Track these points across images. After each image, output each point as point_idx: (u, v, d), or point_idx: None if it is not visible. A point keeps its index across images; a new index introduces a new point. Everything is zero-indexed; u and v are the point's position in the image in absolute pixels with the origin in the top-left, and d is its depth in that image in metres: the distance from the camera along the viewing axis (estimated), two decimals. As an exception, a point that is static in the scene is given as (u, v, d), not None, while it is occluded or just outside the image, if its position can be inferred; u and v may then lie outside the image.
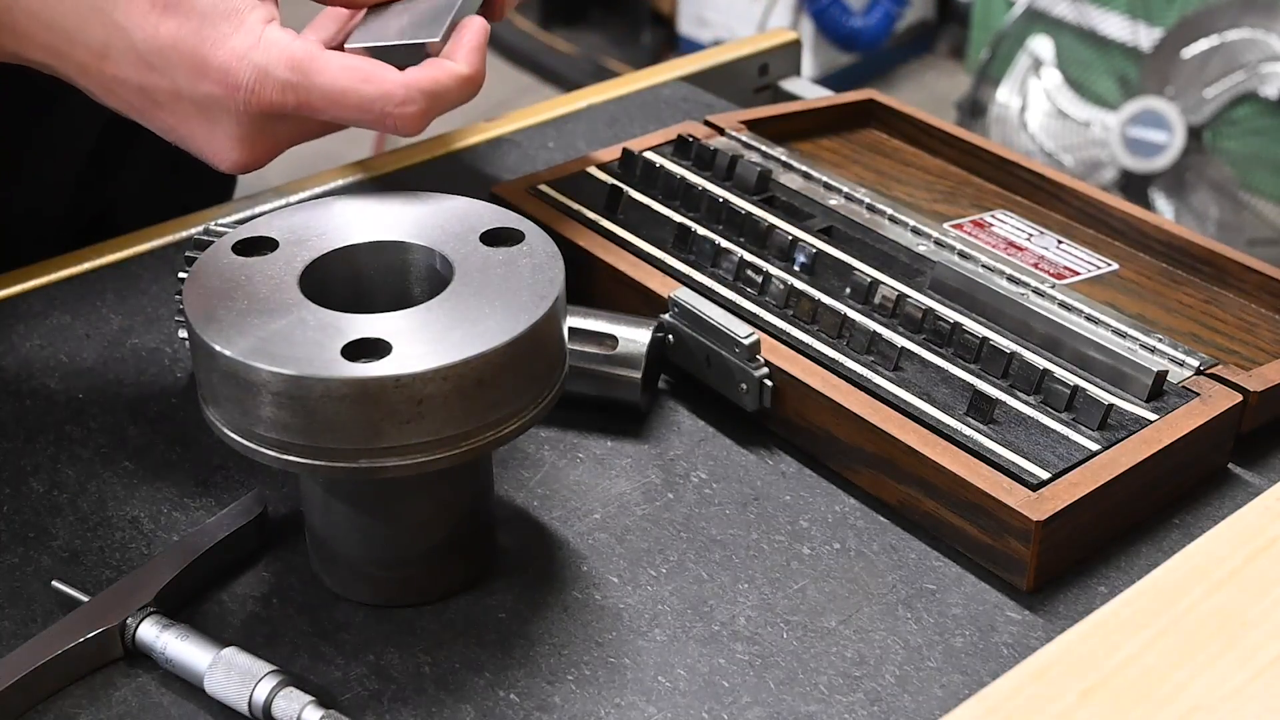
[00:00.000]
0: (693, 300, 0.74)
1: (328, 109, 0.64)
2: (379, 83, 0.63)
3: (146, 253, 0.88)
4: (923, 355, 0.72)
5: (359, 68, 0.63)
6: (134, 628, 0.60)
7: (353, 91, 0.63)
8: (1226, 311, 0.81)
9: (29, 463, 0.71)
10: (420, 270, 0.63)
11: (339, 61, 0.63)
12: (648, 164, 0.87)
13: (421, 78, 0.64)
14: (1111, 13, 2.43)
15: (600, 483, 0.70)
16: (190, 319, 0.57)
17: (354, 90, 0.63)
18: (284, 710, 0.56)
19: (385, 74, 0.63)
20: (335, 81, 0.63)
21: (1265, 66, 2.24)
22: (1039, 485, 0.64)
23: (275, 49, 0.63)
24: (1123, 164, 2.35)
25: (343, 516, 0.62)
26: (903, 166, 0.95)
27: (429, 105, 0.64)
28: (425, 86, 0.64)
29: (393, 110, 0.64)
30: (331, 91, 0.63)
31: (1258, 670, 0.50)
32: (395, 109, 0.63)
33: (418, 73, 0.64)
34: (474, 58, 0.66)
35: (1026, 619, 0.63)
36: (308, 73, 0.63)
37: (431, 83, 0.64)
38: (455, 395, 0.55)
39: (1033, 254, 0.83)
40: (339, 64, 0.63)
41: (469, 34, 0.67)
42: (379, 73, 0.63)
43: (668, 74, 1.10)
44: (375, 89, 0.63)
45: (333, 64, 0.63)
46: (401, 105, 0.63)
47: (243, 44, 0.63)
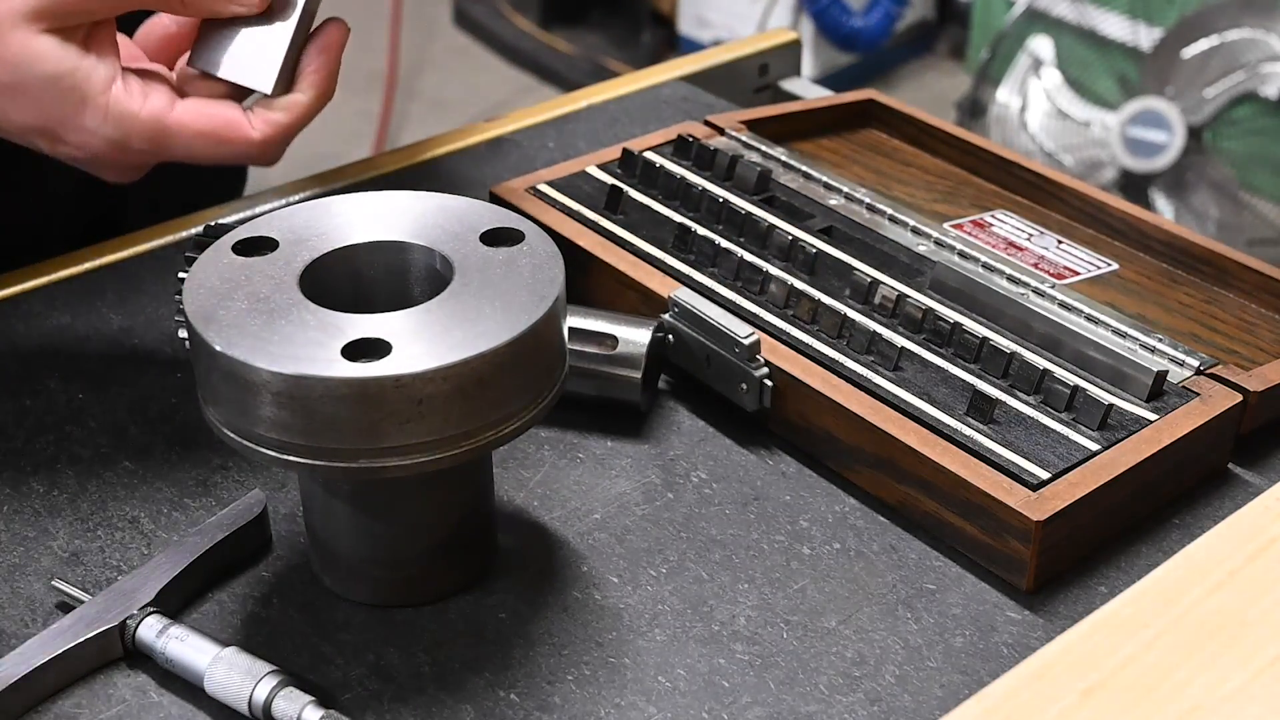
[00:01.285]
0: (693, 300, 0.74)
1: (188, 161, 0.68)
2: (234, 144, 0.67)
3: (146, 253, 0.88)
4: (923, 355, 0.72)
5: (212, 132, 0.67)
6: (134, 628, 0.60)
7: (209, 154, 0.68)
8: (1226, 311, 0.81)
9: (29, 463, 0.71)
10: (420, 270, 0.62)
11: (192, 126, 0.67)
12: (648, 164, 0.87)
13: (271, 128, 0.68)
14: (1111, 13, 2.43)
15: (600, 483, 0.70)
16: (190, 319, 0.57)
17: (211, 152, 0.68)
18: (284, 710, 0.56)
19: (239, 134, 0.67)
20: (190, 147, 0.67)
21: (1265, 66, 2.24)
22: (1039, 485, 0.64)
23: (125, 123, 0.66)
24: (1123, 164, 2.35)
25: (343, 516, 0.62)
26: (903, 166, 0.95)
27: (282, 145, 0.69)
28: (275, 136, 0.68)
29: (247, 162, 0.69)
30: (189, 154, 0.68)
31: (1258, 670, 0.50)
32: (249, 161, 0.69)
33: (270, 123, 0.68)
34: (320, 84, 0.69)
35: (1026, 619, 0.63)
36: (162, 142, 0.67)
37: (279, 129, 0.68)
38: (455, 395, 0.55)
39: (1033, 254, 0.83)
40: (193, 131, 0.67)
41: (317, 62, 0.69)
42: (233, 134, 0.67)
43: (668, 74, 1.10)
44: (230, 150, 0.68)
45: (186, 130, 0.67)
46: (259, 157, 0.68)
47: (92, 122, 0.66)
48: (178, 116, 0.67)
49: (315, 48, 0.69)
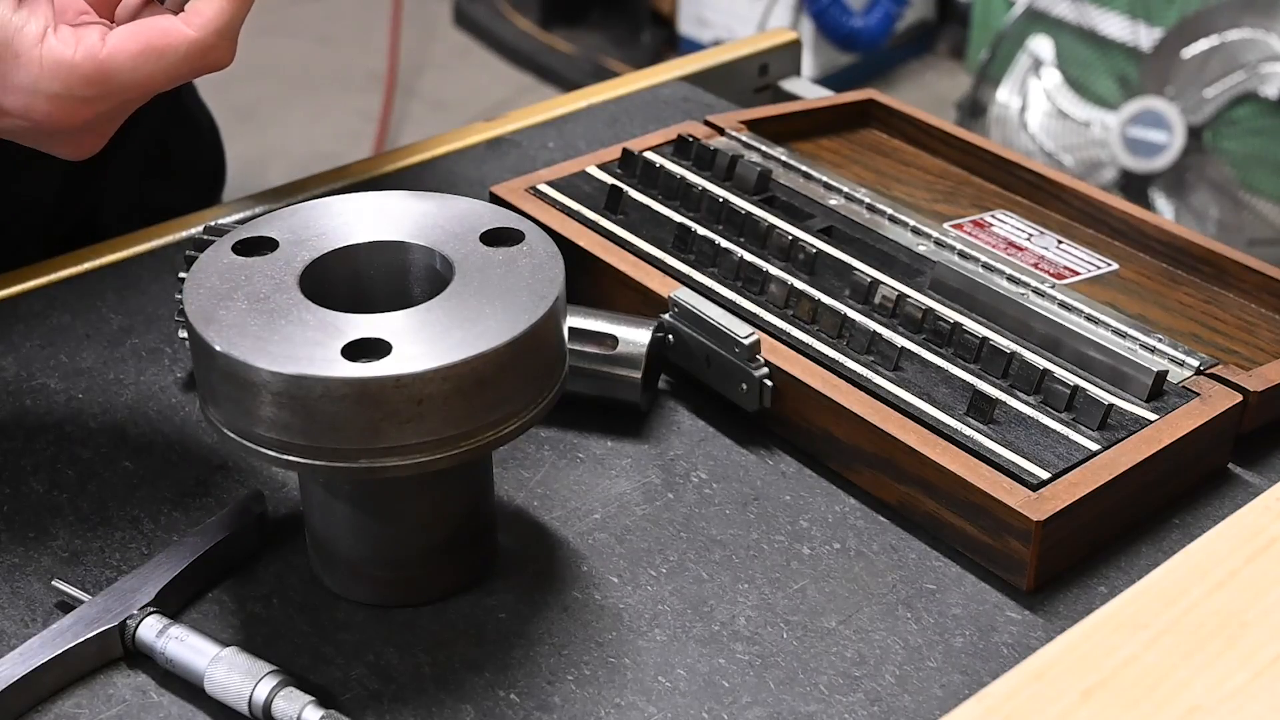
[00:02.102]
0: (693, 300, 0.74)
1: (143, 94, 0.64)
2: (173, 52, 0.62)
3: (146, 253, 0.88)
4: (923, 355, 0.72)
5: (149, 46, 0.62)
6: (134, 628, 0.60)
7: (157, 72, 0.63)
8: (1226, 311, 0.81)
9: (29, 463, 0.71)
10: (420, 270, 0.62)
11: (127, 48, 0.62)
12: (648, 164, 0.87)
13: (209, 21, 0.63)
14: (1111, 13, 2.43)
15: (600, 483, 0.70)
16: (190, 319, 0.57)
17: (157, 69, 0.63)
18: (284, 710, 0.56)
19: (175, 39, 0.62)
20: (136, 72, 0.62)
21: (1265, 66, 2.24)
22: (1039, 485, 0.64)
23: (63, 72, 0.62)
24: (1123, 164, 2.35)
25: (343, 516, 0.62)
26: (903, 166, 0.95)
27: (227, 41, 0.64)
28: (216, 28, 0.63)
29: (199, 64, 0.63)
30: (137, 82, 0.63)
31: (1258, 670, 0.50)
32: (201, 63, 0.63)
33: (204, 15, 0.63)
34: None
35: (1026, 619, 0.63)
36: (103, 81, 0.62)
37: (216, 16, 0.63)
38: (455, 395, 0.55)
39: (1033, 254, 0.83)
40: (129, 51, 0.62)
41: None
42: (169, 39, 0.62)
43: (668, 74, 1.10)
44: (174, 57, 0.63)
45: (123, 58, 0.62)
46: (203, 58, 0.63)
47: (28, 79, 0.62)
48: (111, 47, 0.62)
49: None
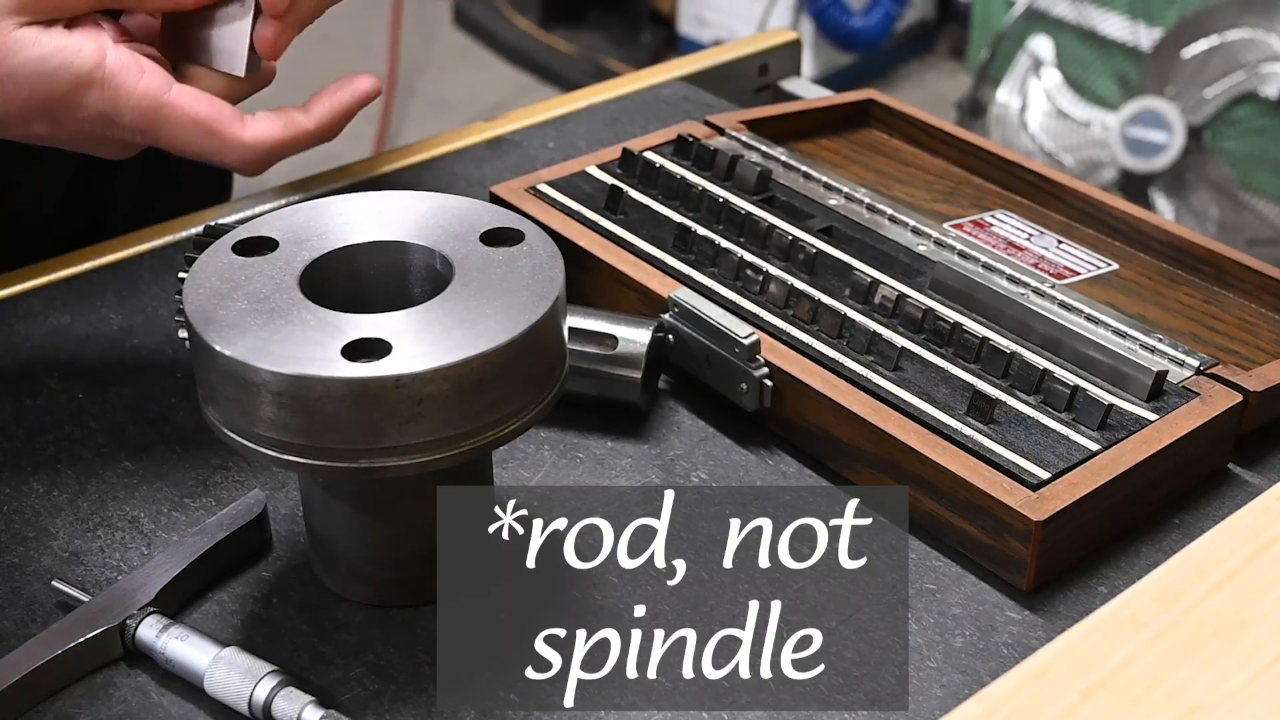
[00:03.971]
0: (693, 300, 0.74)
1: (174, 152, 0.68)
2: (222, 139, 0.67)
3: (146, 253, 0.88)
4: (923, 355, 0.72)
5: (205, 121, 0.66)
6: (134, 628, 0.60)
7: (196, 145, 0.67)
8: (1226, 311, 0.81)
9: (29, 463, 0.71)
10: (420, 270, 0.62)
11: (186, 113, 0.66)
12: (648, 164, 0.87)
13: (264, 136, 0.68)
14: (1111, 13, 2.43)
15: (600, 483, 0.70)
16: (190, 319, 0.57)
17: (198, 144, 0.67)
18: (284, 710, 0.56)
19: (230, 130, 0.67)
20: (181, 134, 0.67)
21: (1265, 66, 2.24)
22: (1039, 485, 0.64)
23: (122, 98, 0.66)
24: (1123, 164, 2.35)
25: (343, 516, 0.62)
26: (903, 166, 0.95)
27: (268, 162, 0.68)
28: (267, 148, 0.68)
29: (234, 162, 0.68)
30: (176, 142, 0.67)
31: (1258, 670, 0.50)
32: (236, 162, 0.68)
33: (262, 129, 0.68)
34: (327, 115, 0.70)
35: (1026, 619, 0.63)
36: (155, 123, 0.66)
37: (273, 142, 0.68)
38: (455, 395, 0.55)
39: (1033, 254, 0.83)
40: (185, 116, 0.66)
41: (339, 96, 0.70)
42: (224, 129, 0.67)
43: (668, 74, 1.10)
44: (218, 145, 0.67)
45: (179, 115, 0.66)
46: (242, 160, 0.68)
47: (89, 97, 0.65)
48: (174, 98, 0.66)
49: (339, 86, 0.70)
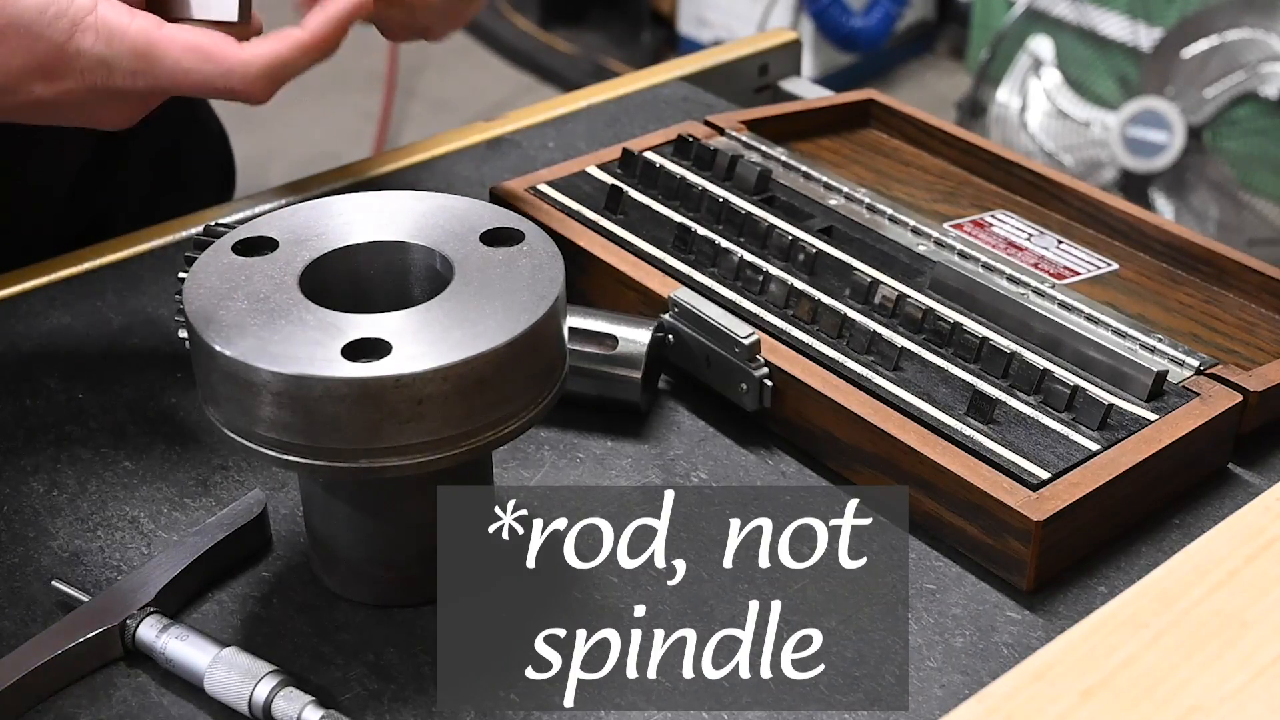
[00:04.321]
0: (693, 300, 0.74)
1: (175, 88, 0.67)
2: (220, 60, 0.66)
3: (146, 253, 0.88)
4: (923, 355, 0.72)
5: (200, 47, 0.66)
6: (134, 628, 0.60)
7: (196, 71, 0.66)
8: (1226, 311, 0.81)
9: (29, 463, 0.71)
10: (420, 270, 0.62)
11: (180, 42, 0.66)
12: (648, 164, 0.87)
13: (261, 53, 0.67)
14: (1111, 13, 2.43)
15: (600, 483, 0.70)
16: (190, 319, 0.57)
17: (197, 70, 0.66)
18: (284, 710, 0.56)
19: (227, 51, 0.66)
20: (179, 64, 0.66)
21: (1265, 66, 2.24)
22: (1039, 485, 0.64)
23: (116, 39, 0.65)
24: (1123, 164, 2.35)
25: (343, 516, 0.62)
26: (903, 166, 0.95)
27: (272, 77, 0.67)
28: (265, 62, 0.67)
29: (237, 85, 0.67)
30: (176, 73, 0.66)
31: (1258, 670, 0.50)
32: (239, 84, 0.67)
33: (259, 47, 0.67)
34: (321, 26, 0.68)
35: (1026, 619, 0.63)
36: (151, 59, 0.66)
37: (270, 57, 0.67)
38: (455, 395, 0.55)
39: (1033, 254, 0.83)
40: (181, 45, 0.66)
41: (332, 6, 0.69)
42: (220, 50, 0.66)
43: (668, 74, 1.10)
44: (217, 68, 0.66)
45: (175, 46, 0.66)
46: (244, 80, 0.67)
47: (85, 42, 0.65)
48: (168, 30, 0.66)
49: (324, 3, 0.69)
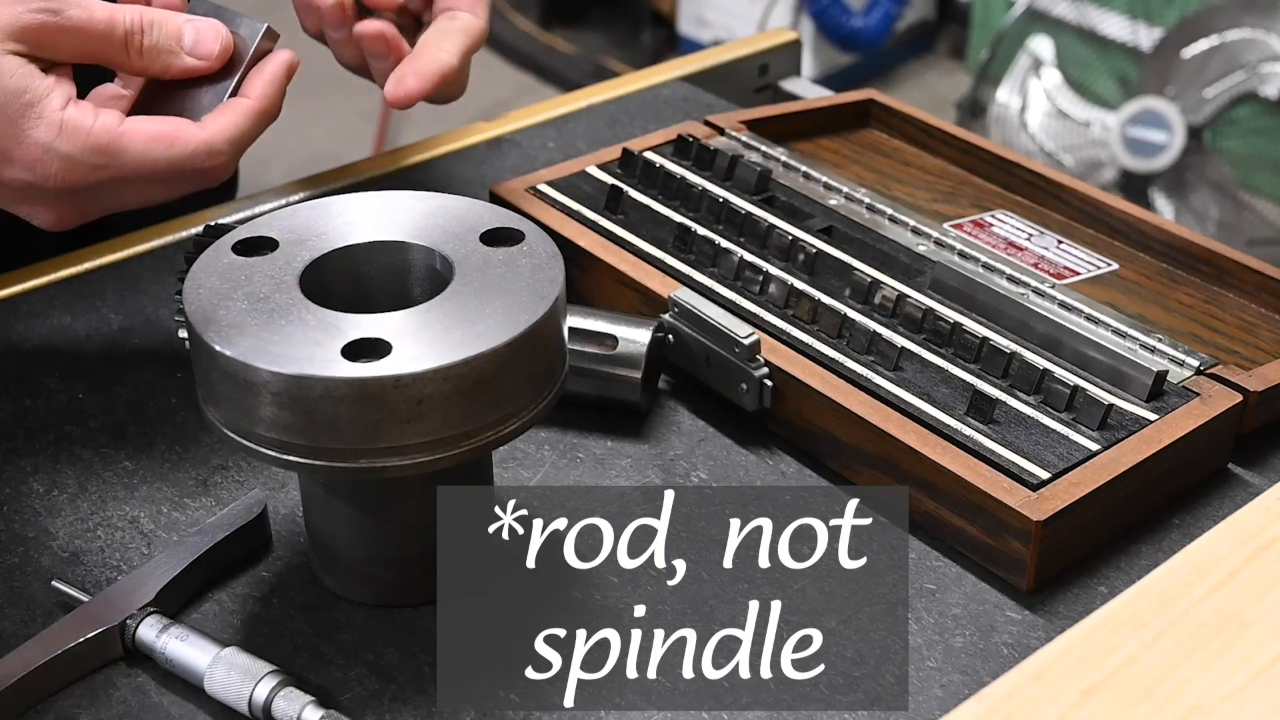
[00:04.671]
0: (693, 300, 0.74)
1: (140, 178, 0.68)
2: (183, 145, 0.68)
3: (146, 253, 0.88)
4: (923, 355, 0.72)
5: (163, 134, 0.68)
6: (134, 628, 0.60)
7: (161, 159, 0.68)
8: (1226, 311, 0.81)
9: (29, 463, 0.71)
10: (420, 270, 0.62)
11: (144, 133, 0.68)
12: (648, 164, 0.87)
13: (220, 129, 0.69)
14: (1111, 13, 2.43)
15: (600, 483, 0.70)
16: (190, 319, 0.57)
17: (162, 158, 0.68)
18: (284, 710, 0.56)
19: (189, 133, 0.68)
20: (143, 155, 0.68)
21: (1265, 66, 2.24)
22: (1039, 485, 0.64)
23: (79, 137, 0.67)
24: (1123, 164, 2.35)
25: (343, 516, 0.62)
26: (903, 166, 0.95)
27: (233, 151, 0.70)
28: (227, 136, 0.69)
29: (204, 163, 0.69)
30: (141, 164, 0.68)
31: (1258, 670, 0.50)
32: (205, 162, 0.69)
33: (217, 123, 0.69)
34: (265, 94, 0.71)
35: (1026, 619, 0.63)
36: (113, 153, 0.67)
37: (232, 129, 0.70)
38: (455, 395, 0.55)
39: (1033, 254, 0.83)
40: (144, 135, 0.68)
41: (259, 78, 0.72)
42: (183, 134, 0.68)
43: (668, 74, 1.10)
44: (180, 151, 0.68)
45: (138, 137, 0.68)
46: (208, 160, 0.69)
47: (45, 136, 0.67)
48: (126, 126, 0.68)
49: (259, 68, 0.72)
